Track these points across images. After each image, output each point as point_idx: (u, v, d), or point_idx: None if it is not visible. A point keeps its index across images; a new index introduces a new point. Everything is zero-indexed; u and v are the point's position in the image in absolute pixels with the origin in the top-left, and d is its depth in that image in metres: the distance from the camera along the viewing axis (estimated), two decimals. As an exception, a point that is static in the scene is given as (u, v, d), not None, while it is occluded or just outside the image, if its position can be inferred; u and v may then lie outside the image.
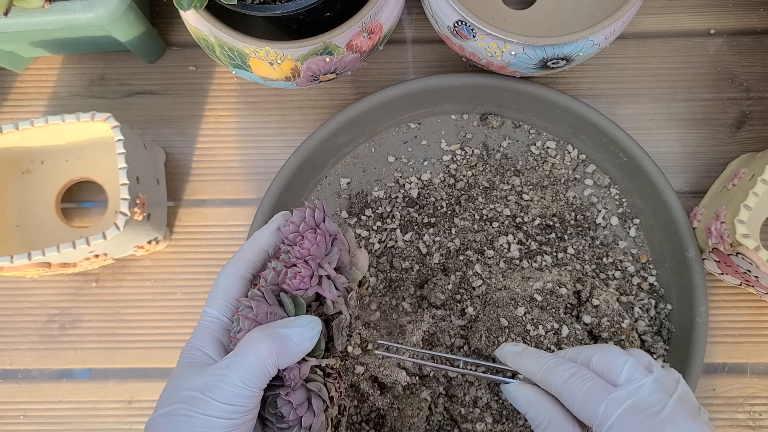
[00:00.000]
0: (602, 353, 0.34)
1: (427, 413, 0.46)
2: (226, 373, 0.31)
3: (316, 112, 0.55)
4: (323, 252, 0.34)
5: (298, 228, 0.34)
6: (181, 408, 0.30)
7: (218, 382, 0.31)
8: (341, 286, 0.35)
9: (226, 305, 0.34)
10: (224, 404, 0.30)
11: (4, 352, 0.52)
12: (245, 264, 0.35)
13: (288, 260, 0.34)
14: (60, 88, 0.55)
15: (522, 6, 0.52)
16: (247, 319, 0.33)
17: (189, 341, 0.34)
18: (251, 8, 0.41)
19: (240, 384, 0.30)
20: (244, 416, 0.31)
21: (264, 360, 0.31)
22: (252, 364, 0.31)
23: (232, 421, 0.30)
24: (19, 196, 0.51)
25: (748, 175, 0.46)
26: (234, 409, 0.30)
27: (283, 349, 0.32)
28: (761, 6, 0.54)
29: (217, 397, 0.30)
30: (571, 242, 0.50)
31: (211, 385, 0.31)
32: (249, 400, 0.31)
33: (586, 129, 0.50)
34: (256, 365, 0.31)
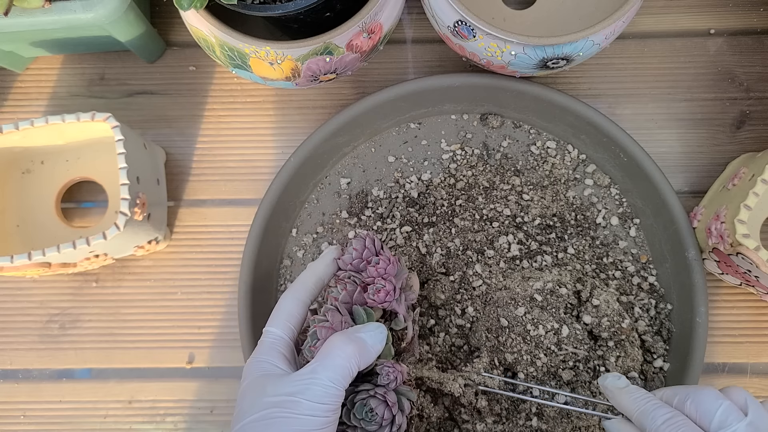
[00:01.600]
0: (697, 395, 0.34)
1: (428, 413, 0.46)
2: (314, 376, 0.33)
3: (316, 112, 0.55)
4: (395, 271, 0.38)
5: (361, 255, 0.38)
6: (274, 412, 0.32)
7: (308, 385, 0.33)
8: (409, 303, 0.39)
9: (288, 326, 0.37)
10: (317, 404, 0.32)
11: (4, 352, 0.52)
12: (305, 290, 0.38)
13: (361, 280, 0.38)
14: (60, 88, 0.55)
15: (522, 6, 0.52)
16: (324, 328, 0.36)
17: (255, 357, 0.36)
18: (251, 8, 0.41)
19: (329, 384, 0.33)
20: (335, 414, 0.33)
21: (349, 360, 0.34)
22: (339, 365, 0.33)
23: (325, 419, 0.32)
24: (19, 196, 0.51)
25: (748, 175, 0.46)
26: (326, 407, 0.32)
27: (362, 350, 0.34)
28: (761, 6, 0.54)
29: (310, 398, 0.32)
30: (571, 242, 0.50)
31: (302, 388, 0.33)
32: (338, 399, 0.33)
33: (586, 129, 0.50)
34: (343, 366, 0.33)
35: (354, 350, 0.34)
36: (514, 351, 0.45)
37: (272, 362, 0.35)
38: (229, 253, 0.53)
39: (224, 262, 0.53)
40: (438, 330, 0.47)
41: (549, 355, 0.45)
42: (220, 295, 0.52)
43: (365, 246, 0.39)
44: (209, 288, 0.53)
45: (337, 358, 0.33)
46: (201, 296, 0.52)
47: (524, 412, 0.46)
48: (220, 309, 0.52)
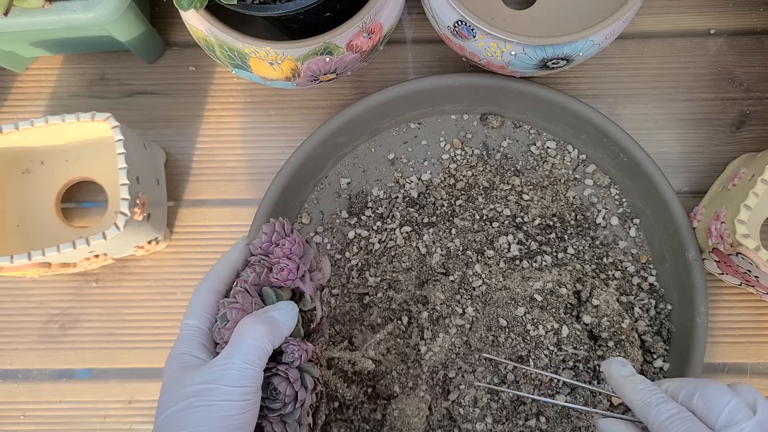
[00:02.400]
0: (705, 391, 0.33)
1: (427, 413, 0.46)
2: (229, 361, 0.33)
3: (316, 112, 0.55)
4: (301, 252, 0.38)
5: (270, 238, 0.38)
6: (194, 401, 0.32)
7: (225, 370, 0.32)
8: (316, 284, 0.39)
9: (205, 316, 0.37)
10: (235, 387, 0.32)
11: (4, 352, 0.52)
12: (218, 279, 0.38)
13: (269, 262, 0.38)
14: (60, 88, 0.55)
15: (522, 6, 0.52)
16: (235, 309, 0.35)
17: (174, 350, 0.36)
18: (251, 8, 0.41)
19: (245, 365, 0.33)
20: (255, 396, 0.33)
21: (262, 339, 0.33)
22: (252, 346, 0.33)
23: (246, 402, 0.32)
24: (19, 196, 0.51)
25: (748, 175, 0.46)
26: (245, 390, 0.32)
27: (274, 329, 0.34)
28: (761, 6, 0.54)
29: (228, 383, 0.32)
30: (571, 242, 0.50)
31: (219, 374, 0.32)
32: (255, 381, 0.33)
33: (586, 129, 0.50)
34: (256, 346, 0.33)
35: (266, 329, 0.34)
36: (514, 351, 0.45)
37: (190, 353, 0.35)
38: (229, 253, 0.53)
39: (224, 262, 0.53)
40: (438, 330, 0.47)
41: (549, 355, 0.45)
42: (220, 295, 0.52)
43: (275, 230, 0.39)
44: (209, 288, 0.52)
45: (250, 339, 0.33)
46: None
47: (524, 412, 0.46)
48: (220, 309, 0.52)
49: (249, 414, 0.32)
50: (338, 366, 0.47)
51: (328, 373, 0.47)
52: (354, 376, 0.47)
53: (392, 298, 0.49)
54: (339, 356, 0.46)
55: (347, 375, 0.47)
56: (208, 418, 0.31)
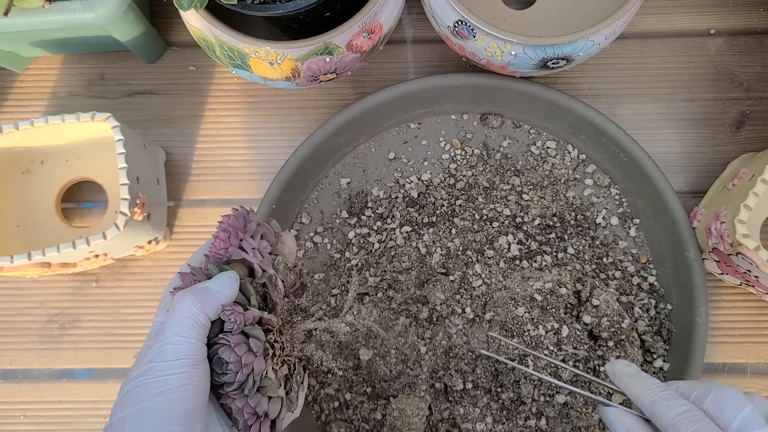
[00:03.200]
0: (719, 392, 0.32)
1: (427, 413, 0.46)
2: (163, 337, 0.33)
3: (316, 112, 0.55)
4: (241, 224, 0.38)
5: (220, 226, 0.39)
6: (136, 383, 0.32)
7: (160, 347, 0.33)
8: (264, 252, 0.38)
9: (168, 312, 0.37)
10: (170, 362, 0.32)
11: (4, 352, 0.52)
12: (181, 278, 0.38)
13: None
14: (60, 88, 0.55)
15: (522, 6, 0.52)
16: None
17: (143, 345, 0.36)
18: (251, 8, 0.41)
19: (177, 338, 0.33)
20: (194, 369, 0.32)
21: (189, 309, 0.33)
22: (181, 317, 0.33)
23: (183, 374, 0.32)
24: (19, 196, 0.51)
25: (748, 175, 0.46)
26: (181, 362, 0.32)
27: (205, 296, 0.34)
28: (761, 6, 0.54)
29: (164, 358, 0.32)
30: (571, 242, 0.50)
31: (156, 353, 0.33)
32: (191, 352, 0.33)
33: (586, 129, 0.50)
34: (185, 317, 0.33)
35: (193, 299, 0.33)
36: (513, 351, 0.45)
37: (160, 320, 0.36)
38: (229, 253, 0.53)
39: (224, 262, 0.53)
40: (438, 330, 0.47)
41: (549, 355, 0.45)
42: (220, 295, 0.52)
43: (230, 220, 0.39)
44: (209, 288, 0.52)
45: (178, 311, 0.33)
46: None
47: (524, 412, 0.46)
48: (220, 309, 0.52)
49: (189, 387, 0.32)
50: (318, 339, 0.47)
51: (311, 347, 0.47)
52: (338, 349, 0.48)
53: (392, 298, 0.49)
54: (314, 326, 0.46)
55: (331, 347, 0.48)
56: (146, 395, 0.31)
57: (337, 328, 0.47)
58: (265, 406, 0.35)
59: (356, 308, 0.47)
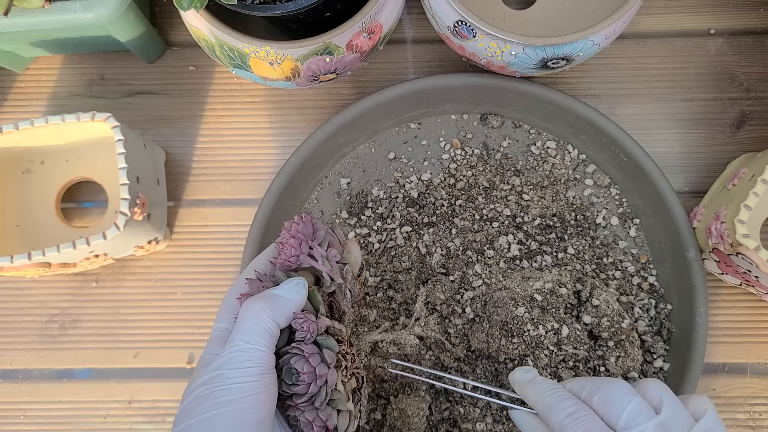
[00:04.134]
0: (605, 390, 0.32)
1: (427, 413, 0.46)
2: (232, 344, 0.32)
3: (316, 112, 0.55)
4: (310, 231, 0.37)
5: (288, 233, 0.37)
6: (201, 391, 0.31)
7: (229, 354, 0.32)
8: (333, 260, 0.37)
9: (232, 318, 0.36)
10: (240, 369, 0.31)
11: (4, 352, 0.52)
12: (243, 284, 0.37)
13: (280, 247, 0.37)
14: (60, 88, 0.55)
15: (522, 6, 0.52)
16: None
17: (204, 352, 0.35)
18: (251, 8, 0.41)
19: (247, 345, 0.32)
20: (263, 377, 0.31)
21: (259, 316, 0.32)
22: (250, 325, 0.32)
23: (252, 383, 0.31)
24: (19, 196, 0.51)
25: (748, 175, 0.46)
26: (251, 371, 0.31)
27: (275, 304, 0.33)
28: (761, 6, 0.54)
29: (232, 366, 0.31)
30: (571, 242, 0.50)
31: (224, 361, 0.32)
32: (261, 360, 0.32)
33: (586, 129, 0.50)
34: (255, 324, 0.32)
35: (263, 305, 0.33)
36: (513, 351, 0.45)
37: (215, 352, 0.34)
38: (229, 253, 0.53)
39: (224, 262, 0.53)
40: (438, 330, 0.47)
41: (549, 355, 0.45)
42: (220, 295, 0.52)
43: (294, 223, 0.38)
44: (209, 288, 0.53)
45: (248, 318, 0.32)
46: (201, 296, 0.52)
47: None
48: (220, 309, 0.52)
49: (259, 397, 0.31)
50: (385, 351, 0.46)
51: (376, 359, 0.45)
52: (403, 358, 0.46)
53: (392, 298, 0.49)
54: (381, 338, 0.44)
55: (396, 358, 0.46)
56: (214, 404, 0.30)
57: (406, 340, 0.45)
58: (335, 419, 0.34)
59: (423, 319, 0.46)
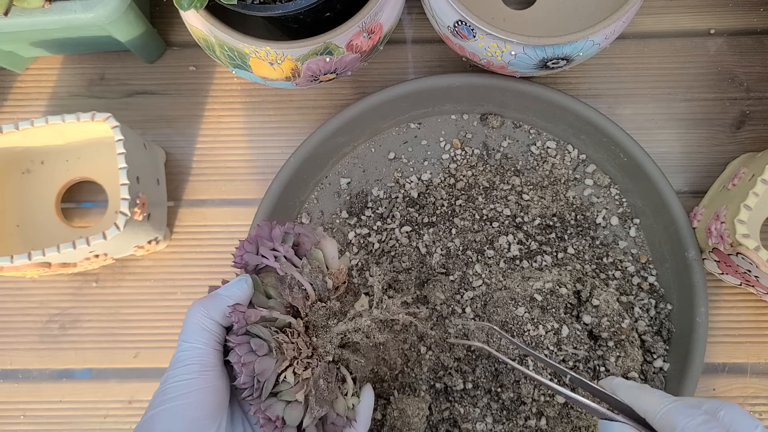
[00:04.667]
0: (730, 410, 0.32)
1: (427, 413, 0.46)
2: (177, 346, 0.34)
3: (316, 112, 0.55)
4: (266, 233, 0.39)
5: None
6: (156, 392, 0.33)
7: (174, 356, 0.34)
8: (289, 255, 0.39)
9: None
10: (179, 368, 0.33)
11: (4, 352, 0.52)
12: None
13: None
14: (60, 88, 0.55)
15: (522, 6, 0.52)
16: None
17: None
18: (251, 8, 0.41)
19: (184, 344, 0.33)
20: (201, 374, 0.33)
21: (195, 315, 0.34)
22: (188, 324, 0.34)
23: (190, 380, 0.32)
24: (19, 196, 0.51)
25: (748, 175, 0.46)
26: (187, 369, 0.33)
27: (211, 301, 0.35)
28: (761, 6, 0.54)
29: (174, 366, 0.33)
30: (571, 242, 0.50)
31: (171, 362, 0.34)
32: (199, 358, 0.33)
33: (586, 129, 0.50)
34: (192, 323, 0.34)
35: (200, 304, 0.34)
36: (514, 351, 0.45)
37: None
38: (229, 253, 0.52)
39: (224, 262, 0.53)
40: (438, 330, 0.47)
41: (549, 355, 0.45)
42: (220, 295, 0.52)
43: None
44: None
45: (187, 319, 0.34)
46: (201, 296, 0.52)
47: (524, 412, 0.46)
48: (220, 309, 0.52)
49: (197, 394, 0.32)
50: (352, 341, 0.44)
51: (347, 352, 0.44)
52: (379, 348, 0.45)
53: (392, 297, 0.48)
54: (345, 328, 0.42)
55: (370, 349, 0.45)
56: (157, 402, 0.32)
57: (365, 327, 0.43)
58: (278, 410, 0.34)
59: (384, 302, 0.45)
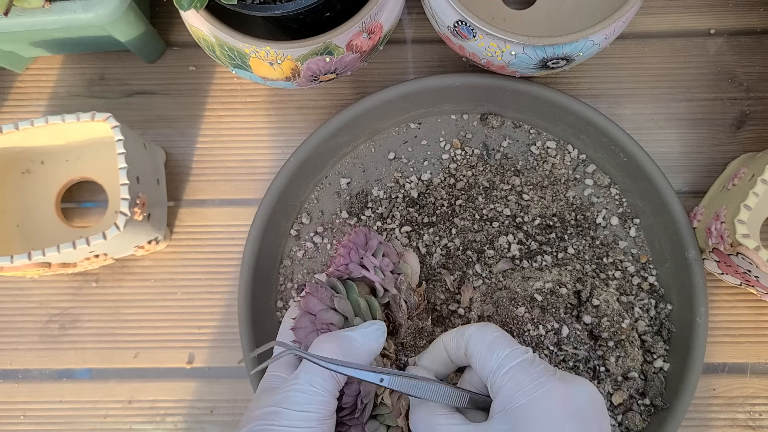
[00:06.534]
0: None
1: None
2: (295, 382, 0.31)
3: (316, 112, 0.55)
4: (362, 241, 0.37)
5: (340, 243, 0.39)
6: (258, 425, 0.30)
7: (289, 392, 0.31)
8: (386, 269, 0.37)
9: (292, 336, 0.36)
10: (298, 412, 0.30)
11: (4, 352, 0.52)
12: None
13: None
14: (60, 88, 0.55)
15: (522, 6, 0.52)
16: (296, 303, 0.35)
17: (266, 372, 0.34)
18: (251, 8, 0.41)
19: (309, 388, 0.30)
20: (320, 425, 0.30)
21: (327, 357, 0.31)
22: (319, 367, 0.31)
23: (308, 429, 0.30)
24: (19, 196, 0.51)
25: (748, 175, 0.46)
26: (308, 416, 0.30)
27: (347, 347, 0.32)
28: (761, 6, 0.54)
29: (290, 406, 0.30)
30: (571, 242, 0.50)
31: (283, 396, 0.31)
32: (321, 406, 0.30)
33: (586, 129, 0.50)
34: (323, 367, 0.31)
35: (335, 347, 0.31)
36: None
37: (278, 374, 0.33)
38: (229, 253, 0.53)
39: (224, 262, 0.53)
40: (438, 331, 0.47)
41: (549, 355, 0.45)
42: (220, 295, 0.52)
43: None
44: (209, 288, 0.53)
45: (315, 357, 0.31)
46: (201, 296, 0.52)
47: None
48: (220, 309, 0.52)
49: None
50: None
51: None
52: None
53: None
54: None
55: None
56: None
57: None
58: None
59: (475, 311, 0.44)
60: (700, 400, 0.50)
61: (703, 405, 0.50)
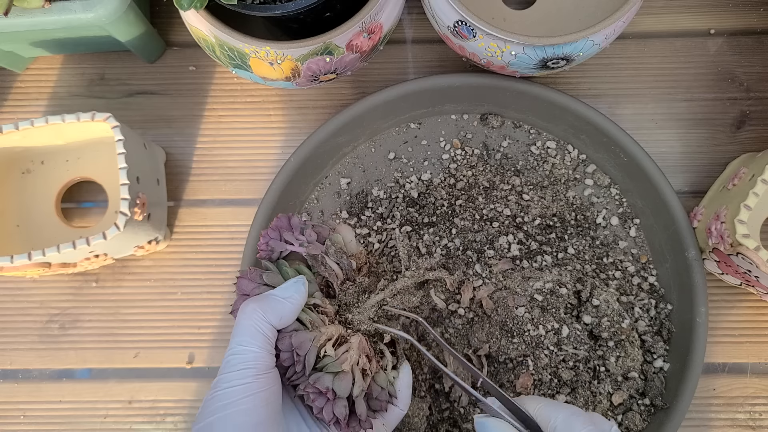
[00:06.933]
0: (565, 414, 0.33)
1: (427, 413, 0.46)
2: (229, 347, 0.33)
3: (316, 112, 0.55)
4: (284, 223, 0.41)
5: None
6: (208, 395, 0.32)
7: (226, 357, 0.33)
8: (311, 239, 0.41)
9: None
10: (233, 372, 0.32)
11: (4, 352, 0.52)
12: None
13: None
14: (60, 88, 0.55)
15: (522, 6, 0.52)
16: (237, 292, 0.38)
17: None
18: (251, 8, 0.41)
19: (239, 347, 0.32)
20: (257, 378, 0.32)
21: (250, 317, 0.33)
22: (243, 326, 0.33)
23: (247, 385, 0.31)
24: (19, 196, 0.51)
25: (748, 175, 0.46)
26: (242, 374, 0.32)
27: (267, 304, 0.34)
28: (761, 6, 0.54)
29: (227, 369, 0.32)
30: (571, 242, 0.50)
31: (223, 365, 0.33)
32: (255, 361, 0.32)
33: (586, 129, 0.50)
34: (247, 325, 0.33)
35: (255, 306, 0.33)
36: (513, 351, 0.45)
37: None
38: (229, 253, 0.53)
39: (224, 262, 0.53)
40: (438, 330, 0.47)
41: (549, 355, 0.45)
42: (220, 295, 0.52)
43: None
44: (209, 288, 0.53)
45: (241, 320, 0.33)
46: (201, 296, 0.52)
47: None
48: (220, 309, 0.52)
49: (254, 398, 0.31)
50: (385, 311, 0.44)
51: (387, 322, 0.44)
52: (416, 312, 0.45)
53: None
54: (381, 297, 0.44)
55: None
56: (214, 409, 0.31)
57: (404, 289, 0.44)
58: (327, 382, 0.34)
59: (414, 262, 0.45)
60: (700, 400, 0.50)
61: (703, 405, 0.50)
